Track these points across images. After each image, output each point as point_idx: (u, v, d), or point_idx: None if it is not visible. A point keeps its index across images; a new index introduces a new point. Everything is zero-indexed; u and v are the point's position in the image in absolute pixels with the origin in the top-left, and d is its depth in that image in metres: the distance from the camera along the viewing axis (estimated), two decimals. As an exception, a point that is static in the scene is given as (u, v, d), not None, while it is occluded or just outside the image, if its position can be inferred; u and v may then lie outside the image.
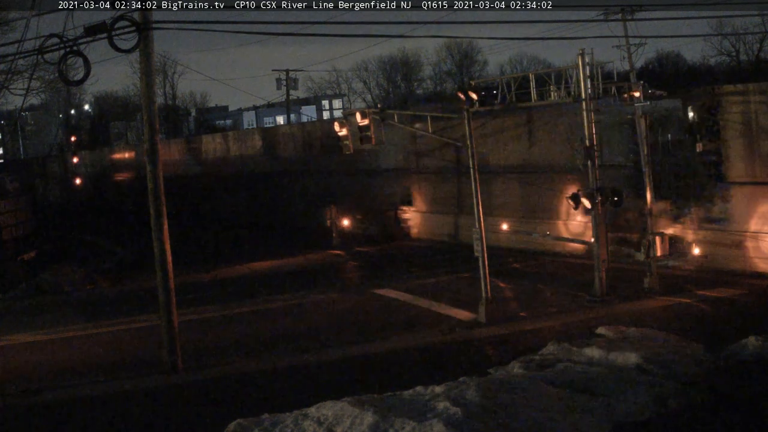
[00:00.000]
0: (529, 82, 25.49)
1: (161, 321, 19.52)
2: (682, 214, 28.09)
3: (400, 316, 24.11)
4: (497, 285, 25.95)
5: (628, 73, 25.83)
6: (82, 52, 17.33)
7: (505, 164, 35.02)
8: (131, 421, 16.20)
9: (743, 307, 22.27)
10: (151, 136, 19.29)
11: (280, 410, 14.29)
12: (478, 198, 22.97)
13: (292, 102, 72.76)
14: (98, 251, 44.56)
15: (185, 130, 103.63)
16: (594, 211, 23.83)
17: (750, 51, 79.77)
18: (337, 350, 20.55)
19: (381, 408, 13.42)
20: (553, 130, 32.42)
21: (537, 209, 33.79)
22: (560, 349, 17.83)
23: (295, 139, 52.21)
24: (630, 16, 25.67)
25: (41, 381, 19.12)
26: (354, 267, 34.92)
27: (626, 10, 25.81)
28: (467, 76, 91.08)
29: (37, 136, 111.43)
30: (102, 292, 32.39)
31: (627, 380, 15.07)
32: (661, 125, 28.40)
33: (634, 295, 24.09)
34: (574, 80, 23.93)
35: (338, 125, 25.59)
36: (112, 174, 78.34)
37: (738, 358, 16.79)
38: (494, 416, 13.03)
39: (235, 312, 26.26)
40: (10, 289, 32.29)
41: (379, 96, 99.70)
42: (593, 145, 23.92)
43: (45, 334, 24.66)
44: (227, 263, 36.58)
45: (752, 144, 26.21)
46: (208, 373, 19.17)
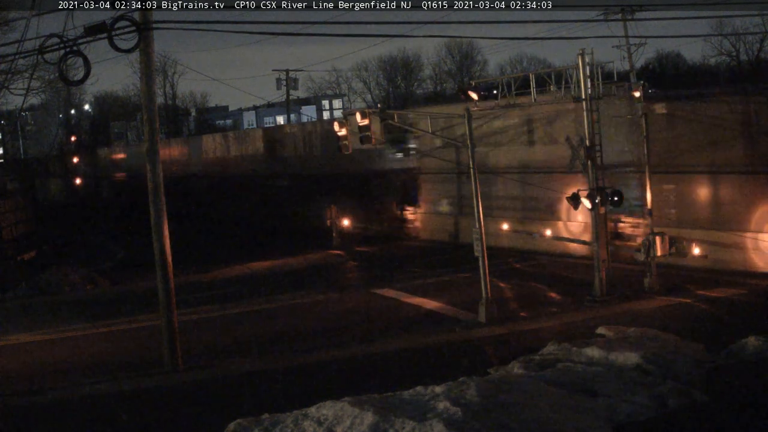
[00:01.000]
0: (529, 82, 25.53)
1: (161, 321, 19.52)
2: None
3: (400, 316, 24.11)
4: (497, 285, 25.95)
5: (628, 73, 25.85)
6: (82, 52, 17.33)
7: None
8: (131, 421, 16.19)
9: (743, 307, 22.27)
10: (151, 136, 19.29)
11: (280, 410, 14.27)
12: (478, 198, 22.97)
13: (292, 102, 72.80)
14: (98, 251, 44.56)
15: (185, 130, 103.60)
16: (594, 211, 23.83)
17: (750, 51, 79.82)
18: (337, 350, 20.54)
19: (381, 408, 13.40)
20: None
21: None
22: (560, 349, 17.82)
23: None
24: (630, 16, 25.74)
25: (41, 381, 19.11)
26: (354, 267, 34.93)
27: (626, 10, 25.84)
28: (467, 76, 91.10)
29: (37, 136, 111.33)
30: (102, 292, 32.38)
31: (627, 380, 15.06)
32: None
33: (634, 295, 24.09)
34: (574, 80, 23.95)
35: (338, 125, 25.62)
36: (112, 174, 78.39)
37: (738, 358, 16.79)
38: (494, 416, 13.02)
39: (235, 312, 26.27)
40: (10, 289, 32.28)
41: (379, 96, 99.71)
42: (593, 145, 23.92)
43: (45, 334, 24.66)
44: (227, 263, 36.57)
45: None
46: (208, 373, 19.17)
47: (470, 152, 22.91)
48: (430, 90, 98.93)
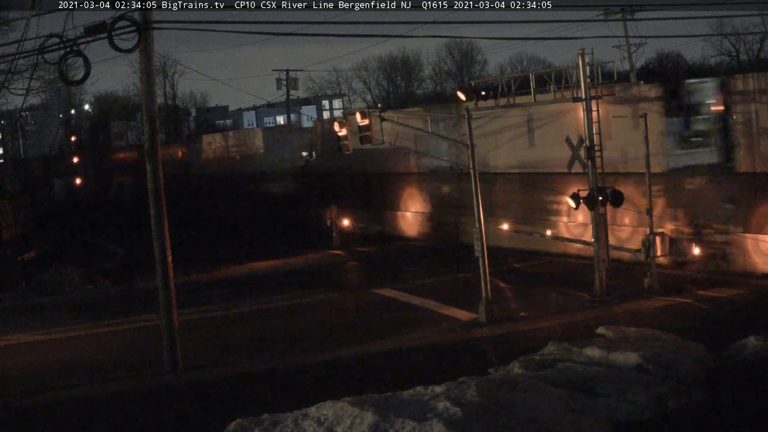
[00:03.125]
0: (530, 82, 25.56)
1: (161, 321, 19.53)
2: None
3: (400, 316, 24.11)
4: (497, 285, 25.94)
5: (628, 73, 25.87)
6: (82, 52, 17.36)
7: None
8: (131, 420, 16.20)
9: (743, 307, 22.25)
10: (151, 136, 19.30)
11: (280, 410, 14.28)
12: (478, 198, 22.96)
13: (292, 102, 72.82)
14: (98, 251, 44.55)
15: (185, 130, 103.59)
16: (594, 211, 23.83)
17: (750, 51, 79.83)
18: (338, 350, 20.54)
19: (381, 408, 13.41)
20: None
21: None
22: (560, 349, 17.82)
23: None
24: (630, 16, 25.75)
25: (41, 381, 19.12)
26: (354, 267, 34.93)
27: (626, 10, 25.84)
28: (467, 76, 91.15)
29: (37, 136, 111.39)
30: (102, 292, 32.38)
31: (627, 380, 15.06)
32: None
33: (634, 295, 24.09)
34: (574, 80, 23.96)
35: (338, 125, 25.62)
36: (112, 174, 78.30)
37: (738, 358, 16.79)
38: (494, 416, 13.02)
39: (235, 312, 26.27)
40: (10, 289, 32.28)
41: (379, 96, 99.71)
42: (593, 145, 23.92)
43: (45, 334, 24.67)
44: (227, 263, 36.58)
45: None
46: (208, 373, 19.18)
47: (470, 152, 22.90)
48: (430, 90, 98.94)
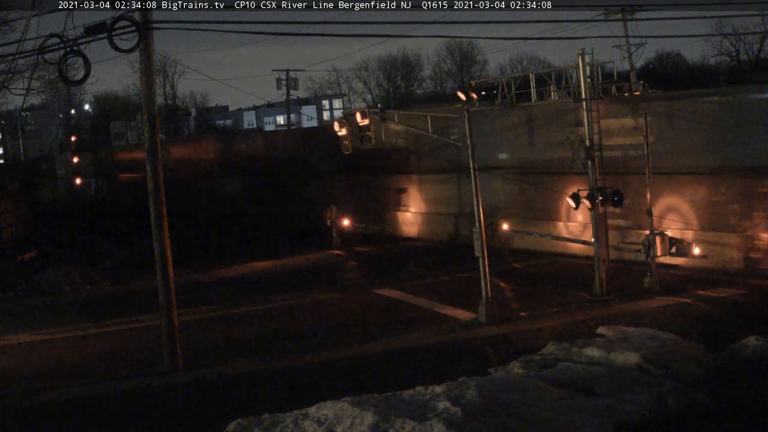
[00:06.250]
0: (530, 82, 25.58)
1: (161, 321, 19.52)
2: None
3: (400, 316, 24.10)
4: (497, 285, 25.94)
5: (628, 73, 25.87)
6: (82, 52, 17.35)
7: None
8: (131, 421, 16.20)
9: (743, 307, 22.25)
10: (151, 136, 19.29)
11: (280, 410, 14.28)
12: (478, 198, 22.96)
13: (292, 102, 72.83)
14: (98, 251, 44.51)
15: (185, 130, 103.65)
16: (594, 211, 23.83)
17: (750, 51, 79.90)
18: (338, 350, 20.54)
19: (381, 408, 13.41)
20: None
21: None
22: (560, 349, 17.82)
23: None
24: (630, 16, 25.74)
25: (41, 381, 19.12)
26: (354, 267, 34.91)
27: (626, 10, 25.83)
28: (467, 76, 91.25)
29: (37, 136, 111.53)
30: (102, 292, 32.37)
31: (627, 380, 15.07)
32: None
33: (634, 295, 24.08)
34: (574, 80, 23.97)
35: (338, 125, 25.61)
36: (112, 174, 78.30)
37: (738, 358, 16.79)
38: (494, 416, 13.02)
39: (235, 312, 26.25)
40: (10, 289, 32.26)
41: (379, 96, 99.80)
42: (593, 145, 23.92)
43: (45, 334, 24.65)
44: (227, 263, 36.57)
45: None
46: (208, 373, 19.17)
47: (470, 152, 22.89)
48: (430, 90, 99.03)
